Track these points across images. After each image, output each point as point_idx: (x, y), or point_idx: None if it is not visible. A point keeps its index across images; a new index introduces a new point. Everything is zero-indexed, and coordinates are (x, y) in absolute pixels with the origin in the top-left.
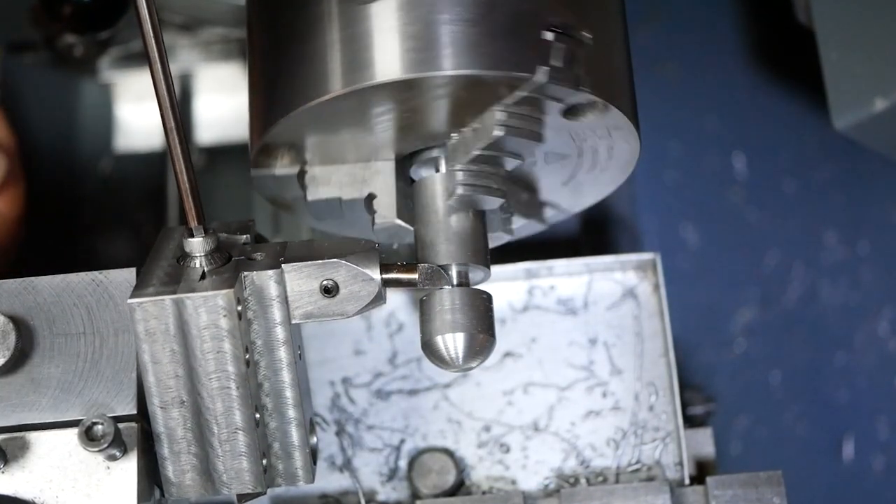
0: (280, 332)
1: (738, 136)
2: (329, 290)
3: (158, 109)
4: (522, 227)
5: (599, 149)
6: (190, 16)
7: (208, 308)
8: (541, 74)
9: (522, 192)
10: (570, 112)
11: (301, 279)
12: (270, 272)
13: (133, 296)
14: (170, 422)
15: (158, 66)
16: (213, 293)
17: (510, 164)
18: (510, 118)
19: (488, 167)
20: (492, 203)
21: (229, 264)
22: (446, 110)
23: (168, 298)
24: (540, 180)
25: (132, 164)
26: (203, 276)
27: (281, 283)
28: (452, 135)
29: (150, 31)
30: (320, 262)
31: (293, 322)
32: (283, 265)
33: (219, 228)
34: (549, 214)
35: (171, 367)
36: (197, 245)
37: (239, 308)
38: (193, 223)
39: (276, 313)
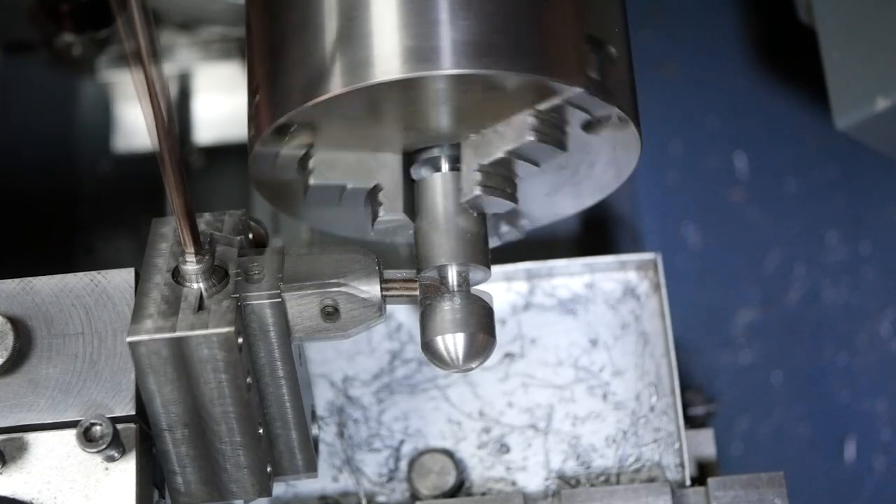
0: (280, 351)
1: (740, 136)
2: (329, 313)
3: (152, 137)
4: (524, 225)
5: (601, 149)
6: (189, 15)
7: (208, 344)
8: (583, 83)
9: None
10: (590, 126)
11: (301, 303)
12: (269, 300)
13: (132, 332)
14: (175, 441)
15: (155, 93)
16: (213, 331)
17: (524, 169)
18: (541, 124)
19: (503, 170)
20: (505, 206)
21: (227, 287)
22: (451, 110)
23: (168, 337)
24: (541, 179)
25: (131, 164)
26: (202, 305)
27: (281, 307)
28: (471, 134)
29: (148, 63)
30: (321, 289)
31: (293, 342)
32: (282, 292)
33: (210, 223)
34: (550, 214)
35: (174, 395)
36: (193, 270)
37: (239, 341)
38: (189, 248)
39: (276, 334)
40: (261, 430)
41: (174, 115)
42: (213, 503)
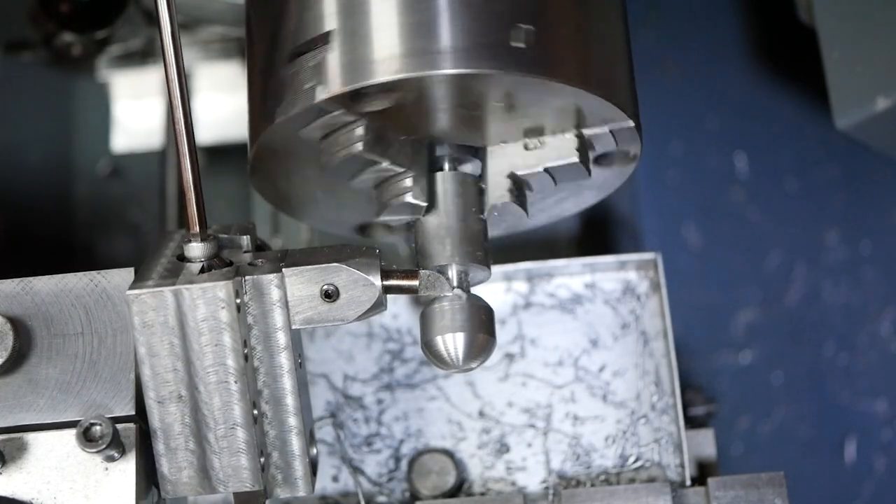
0: (280, 338)
1: (740, 136)
2: (329, 295)
3: (172, 128)
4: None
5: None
6: (189, 14)
7: (207, 300)
8: (636, 118)
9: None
10: (603, 158)
11: (301, 283)
12: (271, 276)
13: (131, 288)
14: (167, 417)
15: (177, 89)
16: (212, 284)
17: (543, 185)
18: (582, 146)
19: (524, 181)
20: (523, 217)
21: (230, 267)
22: (453, 111)
23: (166, 290)
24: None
25: (130, 164)
26: (203, 271)
27: (281, 287)
28: (503, 142)
29: (168, 27)
30: (321, 266)
31: (293, 327)
32: (283, 269)
33: (218, 230)
34: (555, 211)
35: (169, 360)
36: (197, 250)
37: (238, 301)
38: (195, 228)
39: (277, 318)
40: (255, 412)
41: (186, 86)
42: (202, 494)
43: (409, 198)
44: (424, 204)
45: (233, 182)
